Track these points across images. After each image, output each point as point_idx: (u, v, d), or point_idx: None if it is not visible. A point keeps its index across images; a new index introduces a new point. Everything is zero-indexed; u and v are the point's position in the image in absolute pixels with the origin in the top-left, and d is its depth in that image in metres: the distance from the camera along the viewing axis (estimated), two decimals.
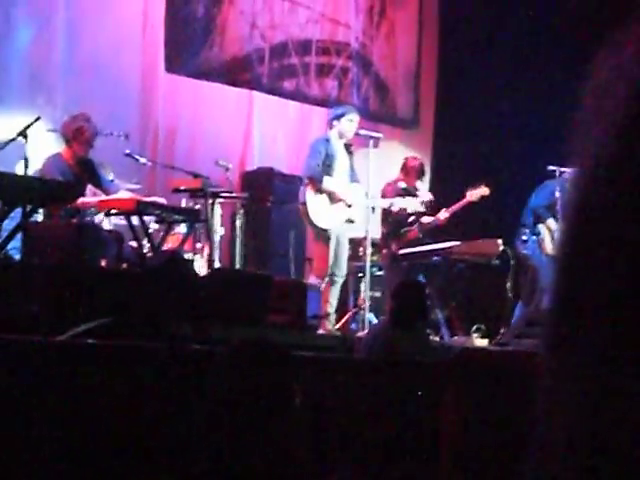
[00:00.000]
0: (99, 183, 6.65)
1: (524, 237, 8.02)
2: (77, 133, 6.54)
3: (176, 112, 9.00)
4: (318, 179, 7.24)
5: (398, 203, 7.69)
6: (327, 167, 7.32)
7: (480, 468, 4.47)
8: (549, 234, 7.95)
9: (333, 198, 7.30)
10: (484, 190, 8.03)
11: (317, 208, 7.23)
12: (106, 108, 6.94)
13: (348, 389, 4.30)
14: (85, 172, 6.62)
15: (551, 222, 7.96)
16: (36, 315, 4.47)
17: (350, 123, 7.41)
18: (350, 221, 7.43)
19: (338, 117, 7.42)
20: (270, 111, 9.66)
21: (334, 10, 10.19)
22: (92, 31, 8.32)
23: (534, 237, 7.97)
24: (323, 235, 7.26)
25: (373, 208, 7.49)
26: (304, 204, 7.26)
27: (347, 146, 7.48)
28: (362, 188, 7.43)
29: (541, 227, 7.96)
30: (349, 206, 7.35)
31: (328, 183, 7.29)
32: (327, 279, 7.27)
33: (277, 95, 9.69)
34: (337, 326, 7.38)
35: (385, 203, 7.66)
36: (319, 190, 7.25)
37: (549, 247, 7.92)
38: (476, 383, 4.55)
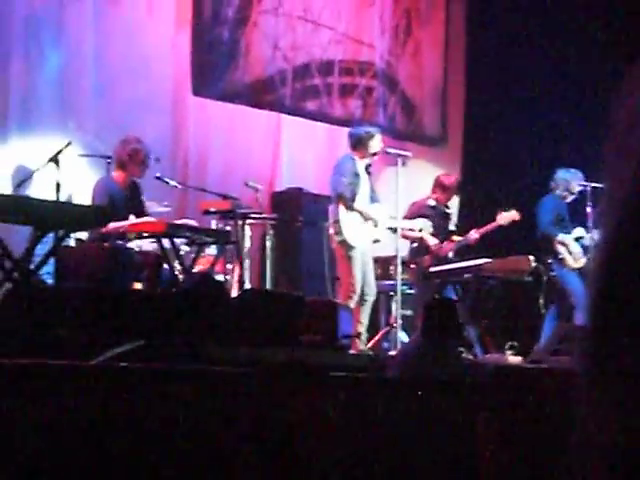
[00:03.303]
0: (142, 208, 6.71)
1: (549, 260, 8.02)
2: (132, 154, 6.61)
3: (206, 135, 9.06)
4: (350, 197, 7.22)
5: (407, 225, 7.65)
6: (354, 186, 7.31)
7: None
8: (565, 249, 7.92)
9: (364, 217, 7.28)
10: (515, 215, 8.01)
11: (350, 226, 7.21)
12: (136, 132, 6.98)
13: (381, 409, 4.28)
14: (133, 197, 6.69)
15: (562, 237, 7.94)
16: (69, 339, 4.49)
17: (377, 142, 7.41)
18: (376, 241, 7.42)
19: (363, 138, 7.41)
20: (298, 132, 9.69)
21: (357, 30, 10.22)
22: (121, 56, 8.39)
23: (554, 259, 7.95)
24: (350, 255, 7.23)
25: (395, 229, 7.47)
26: (337, 222, 7.23)
27: (367, 167, 7.48)
28: (384, 208, 7.43)
29: (557, 246, 7.93)
30: (375, 226, 7.35)
31: (357, 202, 7.28)
32: (356, 299, 7.24)
33: (300, 116, 9.73)
34: (369, 345, 7.35)
35: (405, 224, 7.64)
36: (350, 208, 7.23)
37: (570, 262, 7.88)
38: (512, 403, 4.51)
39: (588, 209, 7.94)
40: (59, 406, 3.38)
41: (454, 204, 8.46)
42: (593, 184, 7.92)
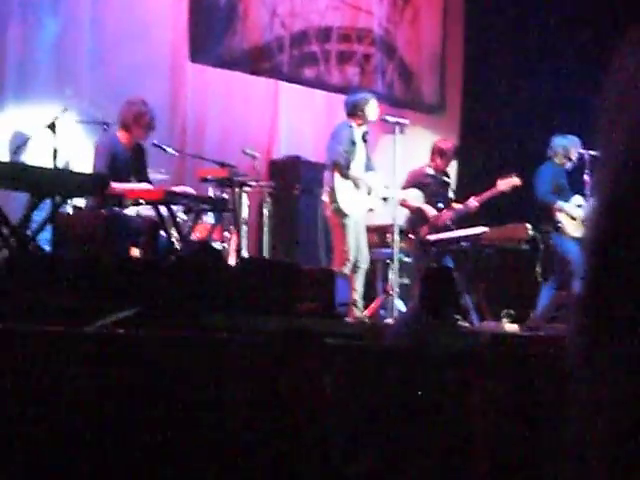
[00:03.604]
0: (144, 174, 6.69)
1: (547, 229, 7.97)
2: (138, 117, 6.57)
3: (204, 102, 9.02)
4: (345, 164, 7.22)
5: (400, 195, 7.63)
6: (350, 154, 7.31)
7: (511, 454, 4.46)
8: (565, 216, 7.88)
9: (358, 185, 7.28)
10: (515, 180, 7.95)
11: (344, 194, 7.21)
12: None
13: (378, 376, 4.29)
14: (136, 159, 6.67)
15: (561, 204, 7.88)
16: (66, 305, 4.50)
17: (373, 108, 7.40)
18: (370, 210, 7.43)
19: (359, 105, 7.39)
20: (296, 100, 9.65)
21: None
22: (118, 22, 8.34)
23: (553, 227, 7.91)
24: (344, 223, 7.24)
25: (387, 198, 7.48)
26: (331, 190, 7.23)
27: (364, 134, 7.46)
28: (379, 177, 7.43)
29: (555, 214, 7.88)
30: (369, 194, 7.35)
31: (352, 170, 7.27)
32: (350, 267, 7.25)
33: (298, 83, 9.69)
34: (365, 313, 7.37)
35: (400, 194, 7.62)
36: (345, 176, 7.23)
37: (570, 229, 7.84)
38: (508, 370, 4.53)
39: (586, 177, 7.89)
40: (56, 372, 3.39)
41: (452, 171, 8.43)
42: (591, 151, 7.86)
